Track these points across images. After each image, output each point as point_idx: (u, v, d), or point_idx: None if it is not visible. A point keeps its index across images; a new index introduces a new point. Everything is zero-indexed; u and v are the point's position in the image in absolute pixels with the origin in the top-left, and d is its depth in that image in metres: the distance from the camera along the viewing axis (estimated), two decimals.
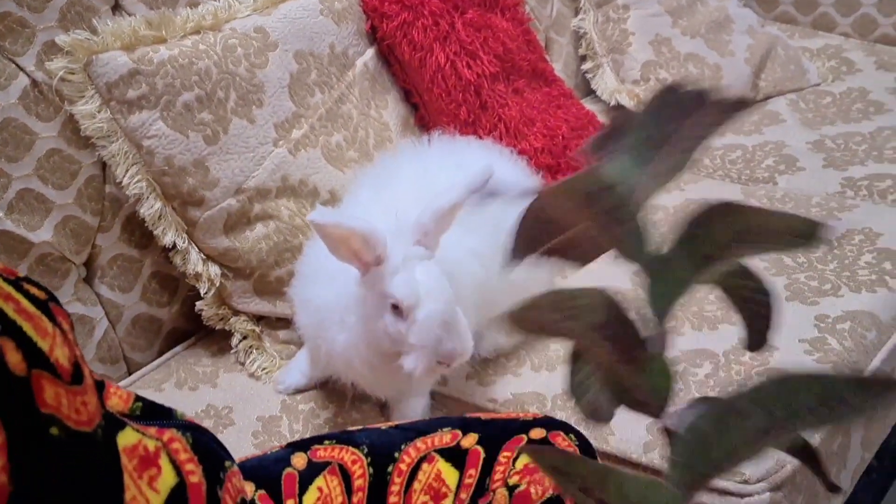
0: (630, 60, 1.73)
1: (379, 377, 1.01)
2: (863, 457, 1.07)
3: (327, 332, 1.00)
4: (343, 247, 0.90)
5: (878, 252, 1.21)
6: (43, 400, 0.40)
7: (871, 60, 1.87)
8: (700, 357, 1.06)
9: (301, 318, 1.07)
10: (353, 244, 0.89)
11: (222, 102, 1.14)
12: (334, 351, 1.00)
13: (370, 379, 1.03)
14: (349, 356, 0.99)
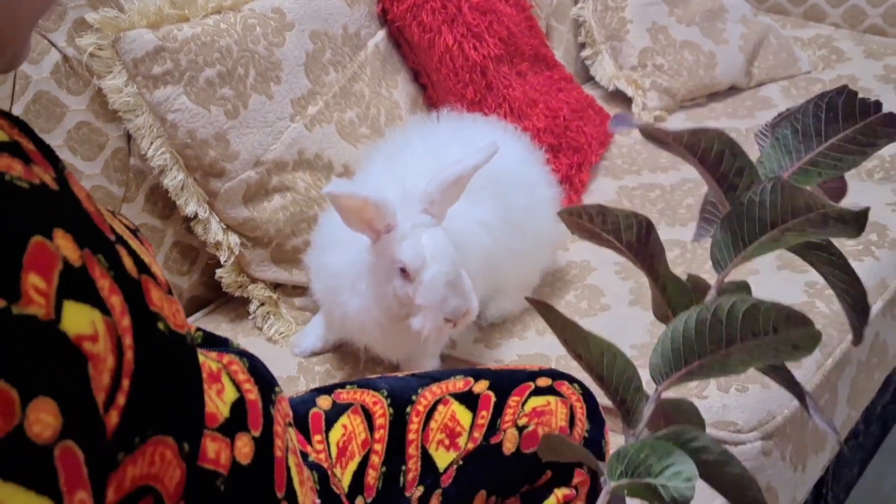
0: (628, 47, 1.79)
1: (390, 339, 1.07)
2: (849, 414, 1.13)
3: (341, 297, 1.05)
4: (356, 216, 0.96)
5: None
6: (151, 300, 0.46)
7: (859, 49, 1.93)
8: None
9: (316, 285, 1.12)
10: (366, 213, 0.95)
11: (242, 79, 1.20)
12: (347, 315, 1.06)
13: (382, 341, 1.08)
14: (362, 320, 1.04)
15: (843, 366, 1.09)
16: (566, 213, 0.62)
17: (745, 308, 0.54)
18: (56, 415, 0.36)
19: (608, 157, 1.61)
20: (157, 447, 0.45)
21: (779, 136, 0.56)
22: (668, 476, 0.53)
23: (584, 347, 0.58)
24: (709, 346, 0.56)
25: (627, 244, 0.59)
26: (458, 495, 0.81)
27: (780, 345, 0.53)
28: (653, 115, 1.73)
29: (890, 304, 1.18)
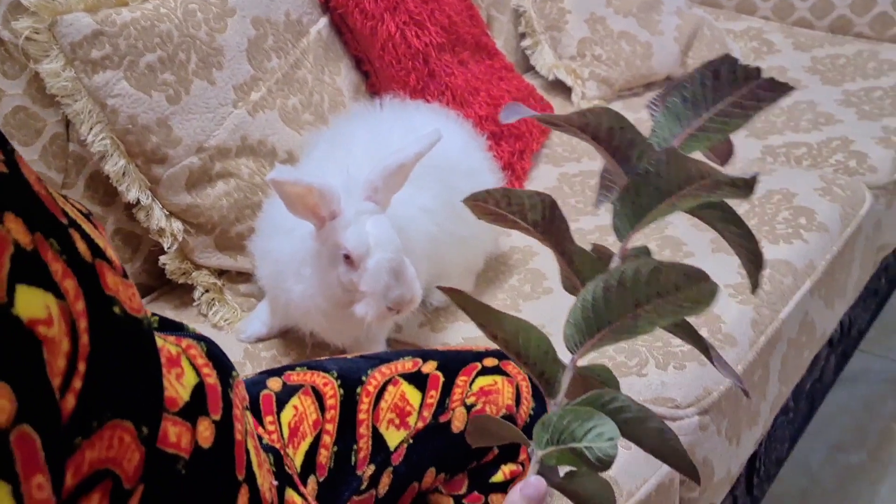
0: (567, 37, 1.82)
1: (335, 325, 1.08)
2: (780, 390, 1.18)
3: (285, 283, 1.06)
4: (300, 203, 0.96)
5: (794, 209, 1.33)
6: (105, 284, 0.45)
7: (788, 42, 2.00)
8: None
9: (261, 271, 1.12)
10: (310, 200, 0.95)
11: (184, 64, 1.19)
12: (292, 301, 1.06)
13: (327, 327, 1.09)
14: (306, 306, 1.05)
15: (774, 343, 1.13)
16: (471, 200, 0.64)
17: (648, 271, 0.57)
18: (11, 399, 0.36)
19: (549, 145, 1.64)
20: (114, 431, 0.45)
21: (669, 104, 0.59)
22: (592, 438, 0.56)
23: (499, 327, 0.60)
24: (617, 311, 0.59)
25: (533, 223, 0.62)
26: (409, 473, 0.83)
27: (683, 302, 0.57)
28: (592, 104, 1.76)
29: (818, 284, 1.23)
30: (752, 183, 0.56)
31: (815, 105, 1.70)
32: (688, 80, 0.58)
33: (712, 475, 1.04)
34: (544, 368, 0.61)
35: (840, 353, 1.54)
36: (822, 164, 1.50)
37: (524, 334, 0.60)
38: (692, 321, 0.62)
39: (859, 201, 1.37)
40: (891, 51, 1.89)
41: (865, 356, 1.82)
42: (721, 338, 1.08)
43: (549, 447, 0.57)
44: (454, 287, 0.62)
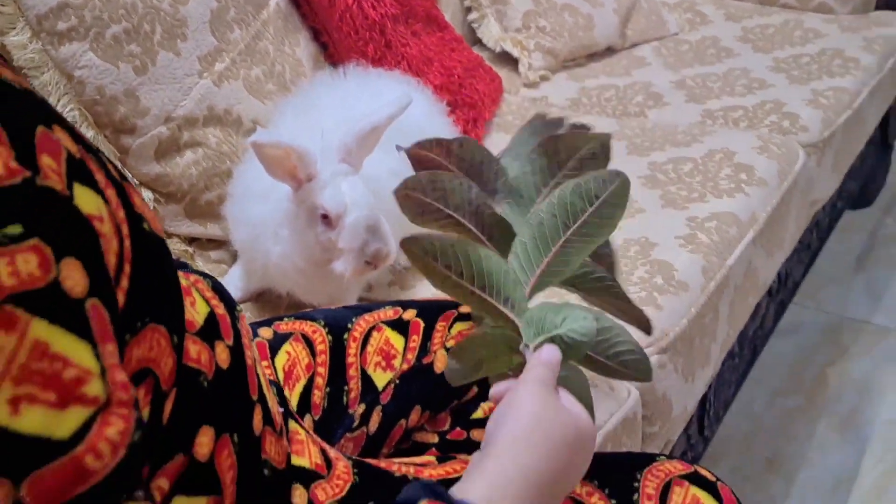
0: (512, 10, 1.88)
1: (312, 284, 1.11)
2: (728, 333, 1.26)
3: (263, 246, 1.09)
4: (278, 166, 0.99)
5: (735, 166, 1.41)
6: (135, 202, 0.49)
7: (720, 13, 2.09)
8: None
9: (237, 235, 1.16)
10: (288, 162, 0.99)
11: (149, 35, 1.21)
12: (270, 262, 1.09)
13: (304, 286, 1.13)
14: (284, 266, 1.08)
15: (722, 289, 1.21)
16: (402, 188, 0.72)
17: (570, 189, 0.66)
18: (83, 274, 0.39)
19: (500, 114, 1.69)
20: (153, 334, 0.49)
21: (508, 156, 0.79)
22: (569, 322, 0.64)
23: (466, 262, 0.67)
24: (552, 238, 0.68)
25: (455, 207, 0.70)
26: (396, 410, 0.88)
27: (605, 207, 0.66)
28: (538, 74, 1.83)
29: (759, 235, 1.31)
30: (607, 149, 0.74)
31: (749, 71, 1.79)
32: (516, 140, 0.79)
33: (671, 410, 1.11)
34: (507, 293, 0.67)
35: (778, 303, 1.64)
36: (758, 125, 1.59)
37: (486, 263, 0.67)
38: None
39: (794, 158, 1.46)
40: (814, 19, 2.00)
41: (799, 308, 1.93)
42: (675, 284, 1.15)
43: (537, 338, 0.65)
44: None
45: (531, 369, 0.66)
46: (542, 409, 0.62)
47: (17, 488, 0.35)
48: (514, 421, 0.61)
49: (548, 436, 0.61)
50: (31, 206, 0.38)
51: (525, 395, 0.63)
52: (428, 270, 0.69)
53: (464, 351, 0.72)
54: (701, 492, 0.78)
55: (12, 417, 0.35)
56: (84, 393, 0.38)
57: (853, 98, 1.68)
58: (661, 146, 1.50)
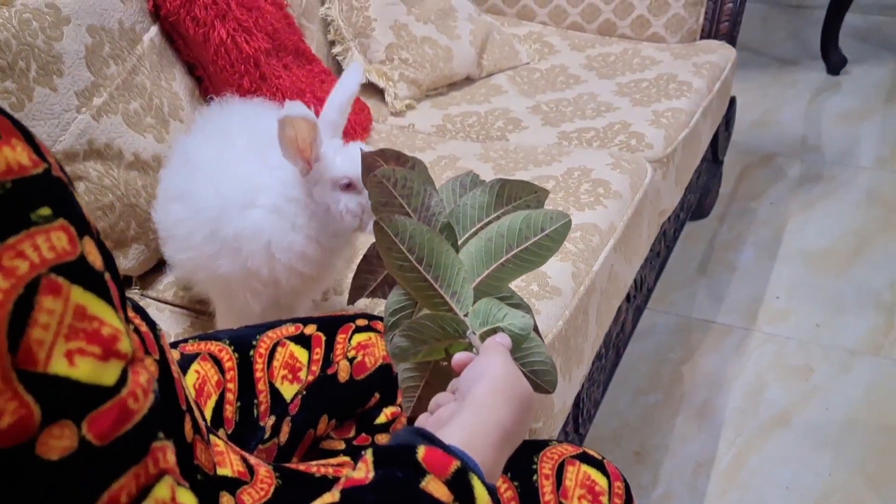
0: (375, 43, 1.96)
1: (327, 261, 1.12)
2: (597, 334, 1.37)
3: (282, 242, 1.07)
4: (294, 146, 1.01)
5: (593, 181, 1.54)
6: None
7: (566, 43, 2.25)
8: None
9: (252, 247, 1.08)
10: (307, 140, 1.01)
11: (24, 72, 1.21)
12: (293, 253, 1.07)
13: (320, 261, 1.10)
14: (308, 251, 1.07)
15: (591, 293, 1.32)
16: (380, 175, 0.80)
17: (520, 220, 0.76)
18: (98, 252, 0.46)
19: (370, 142, 1.76)
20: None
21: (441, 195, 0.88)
22: (509, 318, 0.74)
23: (420, 247, 0.76)
24: (494, 257, 0.78)
25: (414, 209, 0.80)
26: (305, 420, 0.93)
27: (543, 241, 0.77)
28: (404, 103, 1.91)
29: (619, 242, 1.44)
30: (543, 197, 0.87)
31: (596, 96, 1.94)
32: (442, 188, 0.88)
33: (553, 406, 1.20)
34: (455, 288, 0.75)
35: (636, 308, 1.78)
36: (609, 145, 1.73)
37: (445, 257, 0.75)
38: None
39: (643, 172, 1.61)
40: (649, 48, 2.18)
41: (652, 313, 2.09)
42: (549, 289, 1.25)
43: (483, 328, 0.74)
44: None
45: (494, 345, 0.74)
46: (512, 372, 0.70)
47: (79, 428, 0.42)
48: (491, 378, 0.69)
49: (516, 393, 0.69)
50: (53, 192, 0.44)
51: (497, 360, 0.71)
52: (390, 252, 0.76)
53: (415, 330, 0.79)
54: (591, 469, 0.87)
55: (70, 368, 0.42)
56: (118, 349, 0.45)
57: (689, 117, 1.85)
58: (524, 166, 1.61)
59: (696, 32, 2.27)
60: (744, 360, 1.96)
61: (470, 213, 0.83)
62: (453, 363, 0.75)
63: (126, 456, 0.46)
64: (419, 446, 0.59)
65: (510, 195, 0.83)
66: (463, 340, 0.78)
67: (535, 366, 0.80)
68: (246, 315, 1.16)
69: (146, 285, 1.35)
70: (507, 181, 0.84)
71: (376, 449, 0.60)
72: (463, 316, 0.78)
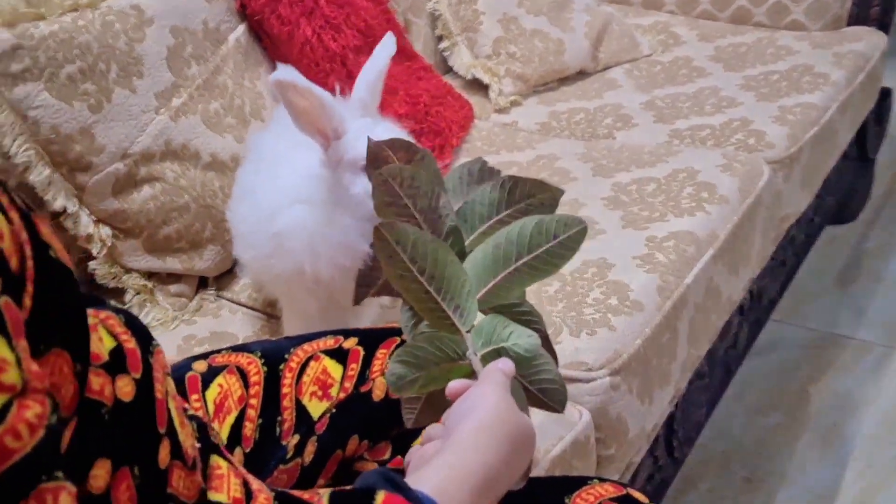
0: (482, 38, 1.90)
1: (357, 247, 1.03)
2: (689, 353, 1.25)
3: (321, 234, 1.03)
4: (306, 117, 0.97)
5: (697, 185, 1.41)
6: (41, 231, 0.49)
7: (693, 34, 2.10)
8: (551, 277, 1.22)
9: (300, 247, 1.05)
10: (315, 113, 0.96)
11: (104, 74, 1.22)
12: (332, 244, 1.03)
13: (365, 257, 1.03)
14: (346, 241, 1.03)
15: (680, 308, 1.20)
16: (387, 172, 0.74)
17: (532, 224, 0.68)
18: None
19: (469, 140, 1.70)
20: (57, 359, 0.49)
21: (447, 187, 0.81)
22: (515, 337, 0.67)
23: (423, 257, 0.69)
24: (502, 265, 0.71)
25: (420, 210, 0.72)
26: (332, 440, 0.87)
27: (556, 249, 0.69)
28: (509, 99, 1.84)
29: (720, 251, 1.31)
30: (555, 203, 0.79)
31: (719, 90, 1.79)
32: (449, 176, 0.81)
33: (627, 432, 1.10)
34: (459, 302, 0.69)
35: (752, 322, 1.63)
36: (724, 144, 1.59)
37: (449, 268, 0.69)
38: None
39: (757, 174, 1.46)
40: (786, 37, 2.00)
41: (779, 325, 1.92)
42: (629, 304, 1.15)
43: (485, 348, 0.68)
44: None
45: (492, 373, 0.68)
46: (504, 407, 0.64)
47: None
48: (480, 413, 0.63)
49: (508, 433, 0.62)
50: None
51: (489, 392, 0.65)
52: (391, 260, 0.70)
53: (410, 354, 0.73)
54: None
55: None
56: (1, 381, 0.40)
57: (821, 113, 1.68)
58: (626, 167, 1.51)
59: (842, 19, 2.06)
60: (882, 383, 1.76)
61: (479, 209, 0.77)
62: (448, 391, 0.68)
63: (2, 497, 0.42)
64: (378, 492, 0.53)
65: (522, 193, 0.76)
66: (464, 362, 0.71)
67: (544, 384, 0.72)
68: (307, 316, 1.13)
69: (222, 286, 1.34)
70: (519, 179, 0.77)
71: (334, 492, 0.54)
72: (466, 332, 0.71)
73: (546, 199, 0.76)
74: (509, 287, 0.72)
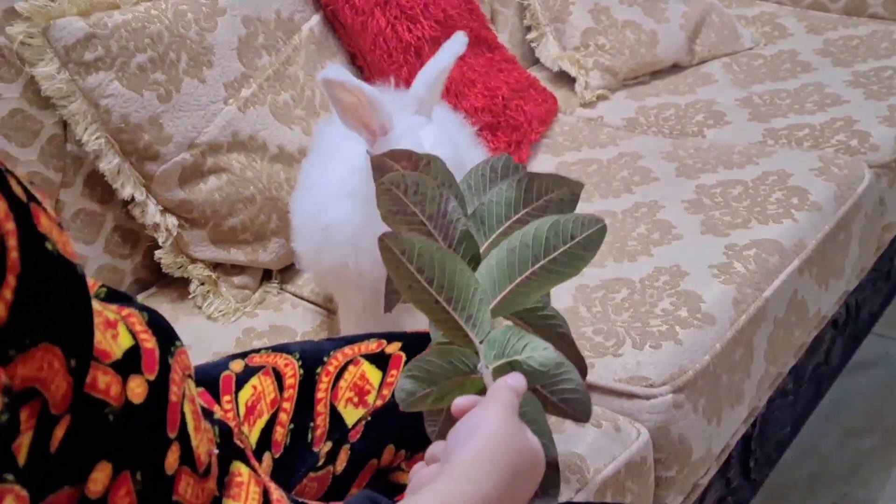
0: (570, 28, 1.83)
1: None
2: (767, 370, 1.16)
3: (363, 228, 1.00)
4: (352, 112, 0.95)
5: (788, 189, 1.31)
6: (39, 222, 0.48)
7: (801, 25, 1.97)
8: (619, 284, 1.16)
9: (343, 241, 1.03)
10: (360, 109, 0.94)
11: (174, 64, 1.23)
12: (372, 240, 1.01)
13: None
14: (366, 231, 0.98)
15: (758, 322, 1.12)
16: (388, 181, 0.70)
17: (548, 225, 0.63)
18: None
19: (550, 135, 1.64)
20: (45, 354, 0.47)
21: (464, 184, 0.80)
22: (530, 350, 0.63)
23: (430, 266, 0.65)
24: (518, 270, 0.66)
25: (429, 216, 0.68)
26: (367, 449, 0.84)
27: (574, 249, 0.64)
28: (595, 93, 1.76)
29: (807, 263, 1.21)
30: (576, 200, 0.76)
31: (823, 87, 1.67)
32: (471, 172, 0.79)
33: (690, 454, 1.03)
34: (471, 312, 0.65)
35: (849, 337, 1.51)
36: (823, 145, 1.48)
37: (459, 277, 0.65)
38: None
39: (857, 180, 1.35)
40: None
41: (882, 340, 1.78)
42: (700, 317, 1.07)
43: (497, 360, 0.64)
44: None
45: (499, 391, 0.64)
46: (508, 433, 0.60)
47: None
48: (478, 440, 0.59)
49: (510, 461, 0.59)
50: None
51: (493, 415, 0.61)
52: (398, 271, 0.68)
53: (420, 369, 0.69)
54: None
55: None
56: None
57: None
58: (713, 168, 1.42)
59: None
60: None
61: (496, 210, 0.73)
62: (454, 409, 0.64)
63: None
64: None
65: (539, 190, 0.72)
66: (476, 376, 0.67)
67: (566, 394, 0.68)
68: (360, 314, 1.11)
69: (286, 280, 1.33)
70: (535, 175, 0.74)
71: None
72: (479, 343, 0.67)
73: (565, 195, 0.72)
74: (526, 292, 0.68)
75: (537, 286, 0.68)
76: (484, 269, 0.69)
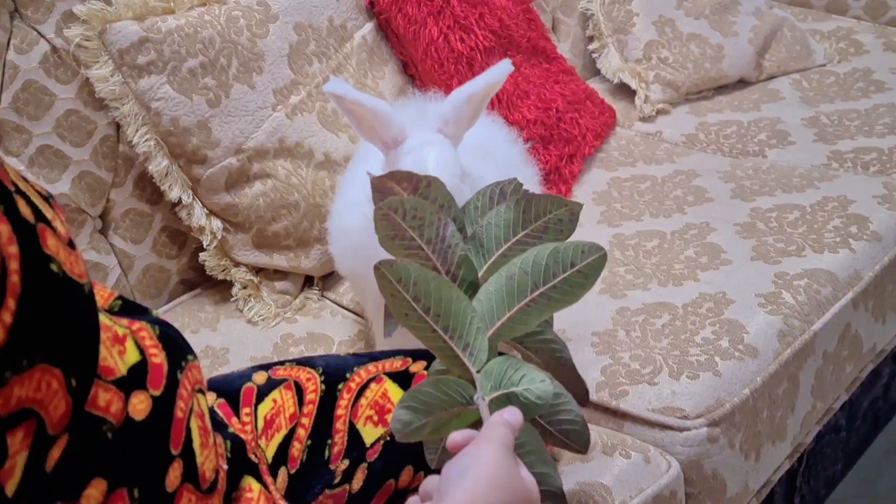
0: (633, 40, 1.79)
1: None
2: (814, 405, 1.12)
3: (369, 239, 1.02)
4: (362, 122, 0.94)
5: (847, 217, 1.26)
6: (46, 244, 0.49)
7: (879, 42, 1.89)
8: (661, 309, 1.13)
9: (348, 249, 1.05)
10: (367, 119, 0.94)
11: (225, 69, 1.24)
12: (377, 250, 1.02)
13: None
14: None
15: (804, 356, 1.08)
16: (386, 206, 0.69)
17: (548, 253, 0.62)
18: None
19: (605, 150, 1.61)
20: (43, 375, 0.47)
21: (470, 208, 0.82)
22: (527, 382, 0.61)
23: (427, 294, 0.64)
24: (517, 297, 0.65)
25: (427, 240, 0.67)
26: (385, 469, 0.83)
27: (574, 277, 0.62)
28: (655, 107, 1.72)
29: (863, 295, 1.16)
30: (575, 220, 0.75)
31: None
32: (479, 194, 0.79)
33: (724, 490, 1.00)
34: (468, 340, 0.64)
35: None
36: (890, 171, 1.42)
37: (456, 305, 0.64)
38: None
39: None
40: None
41: None
42: (742, 348, 1.03)
43: (494, 392, 0.63)
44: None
45: (495, 427, 0.63)
46: (503, 473, 0.59)
47: None
48: (473, 479, 0.58)
49: (502, 500, 0.58)
50: None
51: (488, 454, 0.60)
52: (395, 298, 0.67)
53: (416, 399, 0.68)
54: None
55: None
56: None
57: None
58: (770, 191, 1.37)
59: None
60: None
61: (495, 232, 0.73)
62: (448, 445, 0.62)
63: None
64: None
65: (538, 211, 0.71)
66: (472, 407, 0.66)
67: (565, 424, 0.67)
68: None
69: (327, 287, 1.33)
70: (532, 195, 0.73)
71: None
72: (476, 373, 0.66)
73: (564, 216, 0.71)
74: (525, 319, 0.67)
75: (536, 313, 0.67)
76: (483, 296, 0.68)
